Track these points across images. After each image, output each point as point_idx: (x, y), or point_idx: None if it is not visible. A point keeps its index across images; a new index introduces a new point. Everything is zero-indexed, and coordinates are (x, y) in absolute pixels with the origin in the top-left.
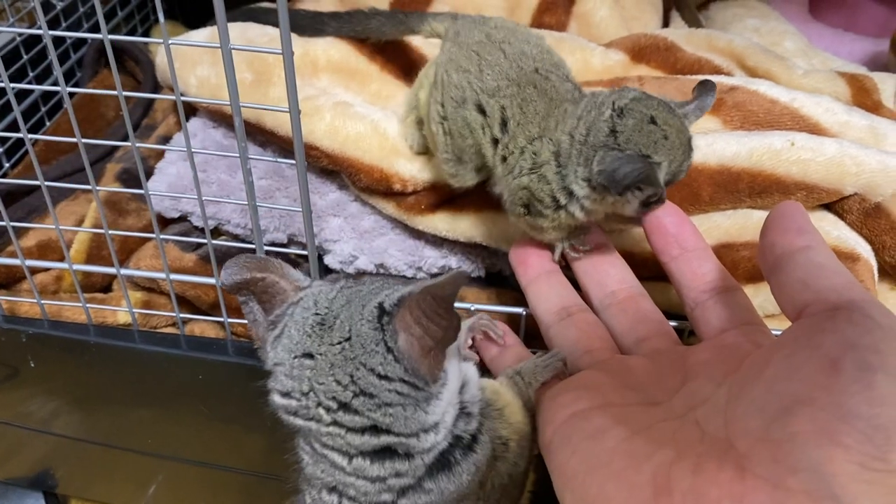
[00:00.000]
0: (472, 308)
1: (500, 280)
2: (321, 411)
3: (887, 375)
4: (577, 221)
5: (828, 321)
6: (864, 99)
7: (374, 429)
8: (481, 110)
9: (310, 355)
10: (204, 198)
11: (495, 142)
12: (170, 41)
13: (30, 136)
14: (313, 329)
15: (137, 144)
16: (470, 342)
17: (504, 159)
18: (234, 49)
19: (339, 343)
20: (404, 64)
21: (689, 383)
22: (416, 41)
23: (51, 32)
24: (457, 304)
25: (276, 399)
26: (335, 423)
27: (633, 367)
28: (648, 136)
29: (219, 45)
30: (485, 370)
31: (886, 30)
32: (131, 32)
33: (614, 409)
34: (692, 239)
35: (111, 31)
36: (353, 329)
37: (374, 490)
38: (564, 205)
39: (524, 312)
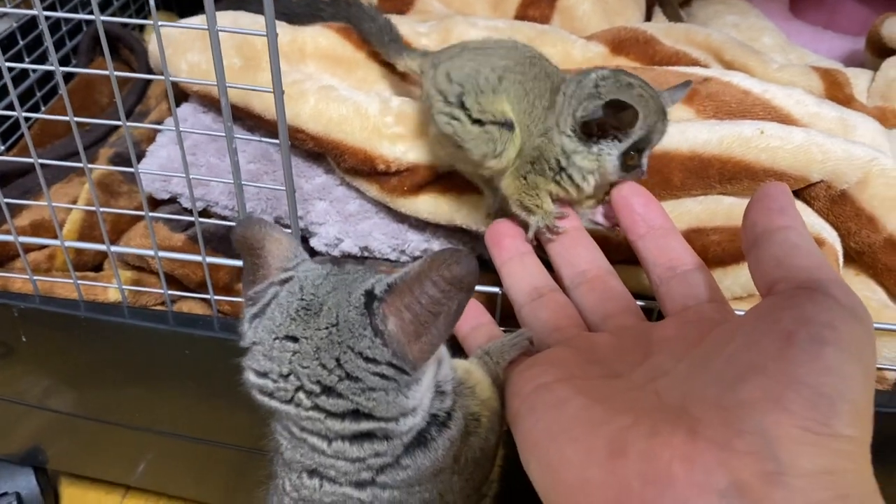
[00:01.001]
0: None
1: (481, 263)
2: (301, 395)
3: (837, 349)
4: (570, 190)
5: (791, 298)
6: (837, 92)
7: (356, 413)
8: (502, 78)
9: (293, 338)
10: (192, 177)
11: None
12: (160, 23)
13: (24, 114)
14: (298, 314)
15: (128, 124)
16: None
17: (527, 127)
18: (220, 31)
19: (326, 328)
20: None
21: (651, 358)
22: (402, 30)
23: (45, 13)
24: None
25: (252, 378)
26: (316, 407)
27: (598, 343)
28: (626, 91)
29: (207, 28)
30: (456, 349)
31: (866, 28)
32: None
33: (577, 382)
34: (659, 218)
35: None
36: (340, 315)
37: (353, 469)
38: (565, 167)
39: (500, 292)
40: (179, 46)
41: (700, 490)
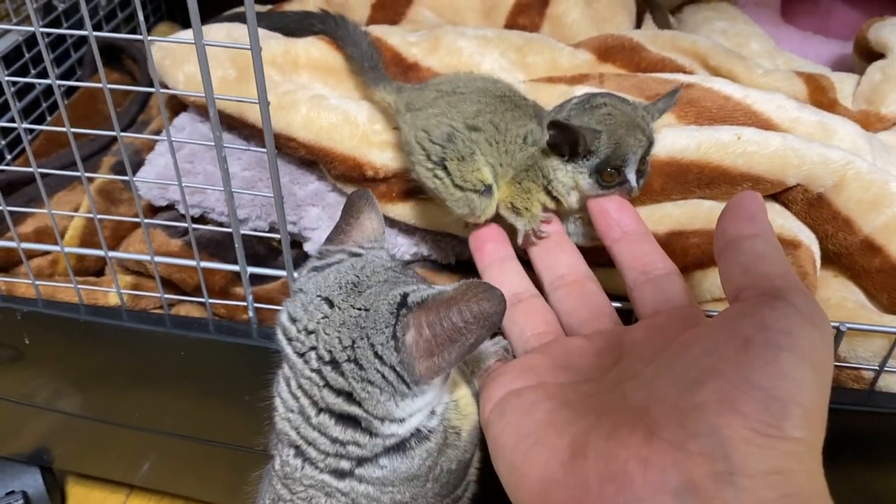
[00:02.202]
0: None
1: (470, 267)
2: (312, 355)
3: (792, 355)
4: (560, 200)
5: (753, 306)
6: (821, 97)
7: (349, 396)
8: (474, 129)
9: (331, 303)
10: (185, 184)
11: (498, 147)
12: (149, 38)
13: (24, 125)
14: (346, 286)
15: (122, 134)
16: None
17: (506, 151)
18: (206, 45)
19: (358, 309)
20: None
21: (622, 361)
22: (393, 40)
23: (43, 30)
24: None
25: (283, 318)
26: (319, 372)
27: (572, 348)
28: (594, 112)
29: (193, 42)
30: None
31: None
32: (132, 32)
33: (547, 387)
34: (633, 223)
35: (112, 31)
36: (374, 304)
37: (332, 452)
38: (551, 180)
39: None
40: (177, 58)
41: (655, 489)
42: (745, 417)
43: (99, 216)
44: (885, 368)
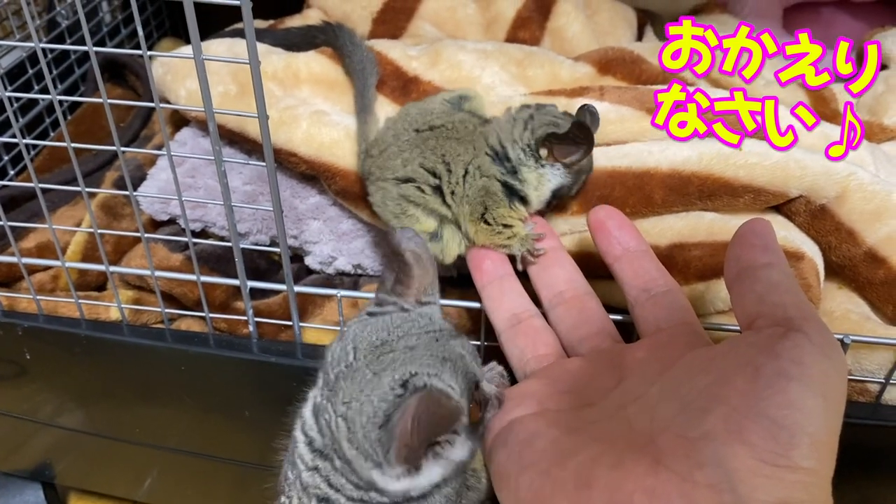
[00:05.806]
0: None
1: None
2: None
3: (801, 384)
4: (528, 206)
5: (766, 336)
6: (823, 108)
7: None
8: (407, 180)
9: (355, 355)
10: (186, 198)
11: (438, 190)
12: (148, 53)
13: (26, 141)
14: (374, 342)
15: (123, 149)
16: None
17: (452, 193)
18: (206, 60)
19: (371, 372)
20: (381, 76)
21: (624, 382)
22: (393, 54)
23: (43, 45)
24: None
25: (328, 350)
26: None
27: (572, 370)
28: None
29: (192, 57)
30: None
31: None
32: (136, 48)
33: (549, 415)
34: (633, 240)
35: (116, 47)
36: (383, 371)
37: (357, 497)
38: (517, 189)
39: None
40: (178, 73)
41: None
42: (752, 447)
43: (100, 231)
44: (891, 381)
